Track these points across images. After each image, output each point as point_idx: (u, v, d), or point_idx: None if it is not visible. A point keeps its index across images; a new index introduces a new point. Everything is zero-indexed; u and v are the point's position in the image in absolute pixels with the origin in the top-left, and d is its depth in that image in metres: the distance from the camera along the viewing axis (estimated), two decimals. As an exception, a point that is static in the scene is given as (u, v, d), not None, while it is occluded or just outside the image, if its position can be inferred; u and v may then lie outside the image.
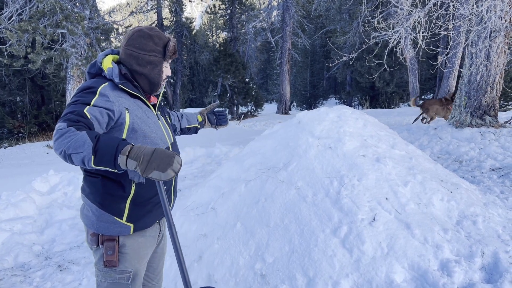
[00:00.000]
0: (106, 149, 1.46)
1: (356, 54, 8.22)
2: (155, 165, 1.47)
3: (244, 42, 30.97)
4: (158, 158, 1.48)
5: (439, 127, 8.55)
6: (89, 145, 1.45)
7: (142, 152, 1.48)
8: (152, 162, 1.47)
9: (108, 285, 1.87)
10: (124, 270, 1.86)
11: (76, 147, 1.45)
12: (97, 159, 1.47)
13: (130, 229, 1.85)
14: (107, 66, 1.82)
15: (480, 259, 2.76)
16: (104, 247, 1.82)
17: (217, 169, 4.67)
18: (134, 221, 1.85)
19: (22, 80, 16.78)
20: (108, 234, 1.82)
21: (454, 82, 15.36)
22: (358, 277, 2.69)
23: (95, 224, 1.83)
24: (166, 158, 1.49)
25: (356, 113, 4.45)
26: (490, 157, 6.34)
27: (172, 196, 2.03)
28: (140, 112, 1.84)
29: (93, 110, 1.64)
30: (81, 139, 1.46)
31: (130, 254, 1.87)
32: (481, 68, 7.59)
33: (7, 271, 3.83)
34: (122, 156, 1.47)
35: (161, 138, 1.91)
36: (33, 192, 5.70)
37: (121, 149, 1.47)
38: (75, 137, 1.46)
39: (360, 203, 3.15)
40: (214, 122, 2.60)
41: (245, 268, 2.97)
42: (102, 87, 1.72)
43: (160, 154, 1.49)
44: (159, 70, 1.89)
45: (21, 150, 13.54)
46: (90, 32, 12.17)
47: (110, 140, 1.50)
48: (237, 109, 21.35)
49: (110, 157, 1.46)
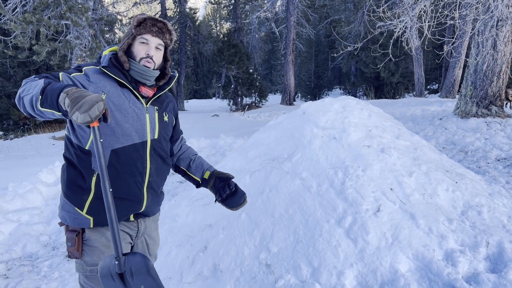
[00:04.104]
0: (52, 89, 1.49)
1: (361, 44, 8.16)
2: (79, 106, 1.38)
3: (248, 32, 30.84)
4: (85, 101, 1.39)
5: (444, 118, 8.50)
6: (40, 87, 1.51)
7: (79, 93, 1.42)
8: (79, 104, 1.38)
9: (83, 278, 1.85)
10: (93, 263, 1.80)
11: (29, 89, 1.55)
12: (43, 98, 1.49)
13: (90, 222, 1.79)
14: (104, 54, 1.88)
15: (485, 249, 2.76)
16: (66, 238, 1.81)
17: (221, 160, 4.68)
18: (94, 214, 1.78)
19: (27, 72, 16.82)
20: (69, 225, 1.81)
21: (460, 72, 15.23)
22: (362, 267, 2.70)
23: (60, 212, 1.85)
24: (90, 102, 1.39)
25: (361, 104, 4.43)
26: (496, 147, 6.31)
27: (144, 193, 1.89)
28: (121, 100, 1.79)
29: (68, 77, 1.71)
30: (36, 83, 1.55)
31: (98, 248, 1.81)
32: (487, 57, 7.51)
33: (15, 261, 3.88)
34: (63, 94, 1.44)
35: (137, 131, 1.81)
36: (39, 183, 5.75)
37: (66, 89, 1.46)
38: (33, 82, 1.58)
39: (364, 194, 3.15)
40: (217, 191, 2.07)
41: (250, 258, 2.99)
42: (87, 67, 1.79)
43: (89, 98, 1.40)
44: (126, 42, 1.86)
45: (26, 141, 13.63)
46: (94, 23, 12.15)
47: (61, 83, 1.55)
48: (241, 100, 21.29)
49: (54, 95, 1.47)
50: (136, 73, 1.84)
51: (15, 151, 11.80)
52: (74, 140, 1.77)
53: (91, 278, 1.82)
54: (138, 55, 1.83)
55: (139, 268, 1.49)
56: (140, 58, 1.83)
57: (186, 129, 12.79)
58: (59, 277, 3.53)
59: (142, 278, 1.49)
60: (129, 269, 1.49)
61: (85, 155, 1.75)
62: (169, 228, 3.68)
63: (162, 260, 3.25)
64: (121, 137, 1.77)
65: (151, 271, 1.51)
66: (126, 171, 1.79)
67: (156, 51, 1.86)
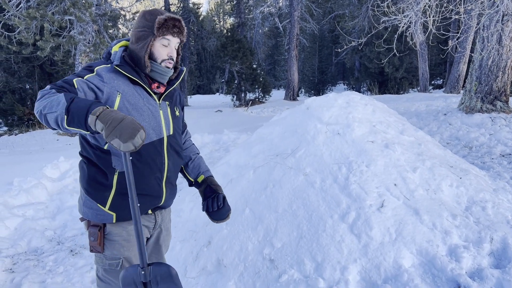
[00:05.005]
0: (78, 109, 1.46)
1: (365, 39, 8.12)
2: (118, 133, 1.41)
3: (251, 27, 30.72)
4: (124, 127, 1.41)
5: (448, 113, 8.46)
6: (63, 105, 1.47)
7: (111, 117, 1.43)
8: (117, 129, 1.41)
9: (102, 271, 1.89)
10: (113, 257, 1.85)
11: (51, 107, 1.49)
12: (69, 118, 1.47)
13: (113, 218, 1.83)
14: (114, 50, 1.85)
15: (488, 244, 2.76)
16: (88, 233, 1.84)
17: (225, 156, 4.69)
18: (117, 210, 1.82)
19: (31, 68, 16.87)
20: (92, 220, 1.84)
21: (465, 67, 15.14)
22: (366, 262, 2.70)
23: (82, 209, 1.87)
24: (131, 129, 1.41)
25: (365, 99, 4.42)
26: (501, 143, 6.28)
27: (163, 188, 1.94)
28: (136, 99, 1.80)
29: (82, 82, 1.67)
30: (57, 99, 1.50)
31: (118, 242, 1.85)
32: (492, 52, 7.46)
33: (21, 255, 3.91)
34: (92, 116, 1.44)
35: (154, 128, 1.84)
36: (44, 179, 5.78)
37: (93, 109, 1.46)
38: (53, 97, 1.52)
39: (368, 189, 3.15)
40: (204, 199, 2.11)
41: (254, 253, 3.00)
42: (100, 67, 1.77)
43: (127, 124, 1.42)
44: (144, 44, 1.81)
45: (31, 137, 13.69)
46: (97, 18, 12.15)
47: (84, 101, 1.51)
48: (244, 95, 21.25)
49: (81, 116, 1.46)
50: (157, 74, 1.85)
51: (19, 146, 11.86)
52: (91, 140, 1.78)
53: (110, 271, 1.87)
54: (160, 56, 1.83)
55: (165, 277, 1.59)
56: (162, 60, 1.83)
57: (190, 124, 12.76)
58: (64, 272, 3.55)
59: (166, 286, 1.59)
60: (155, 278, 1.58)
61: (105, 154, 1.78)
62: (173, 223, 3.69)
63: (166, 255, 3.26)
64: None
65: (175, 279, 1.61)
66: (146, 168, 1.83)
67: (174, 50, 1.90)
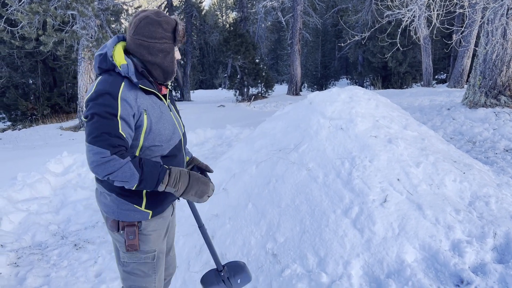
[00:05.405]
0: (149, 180, 1.70)
1: (368, 34, 8.06)
2: (193, 192, 1.81)
3: (254, 22, 30.58)
4: (196, 186, 1.81)
5: (452, 108, 8.43)
6: (136, 177, 1.66)
7: (180, 181, 1.76)
8: (190, 189, 1.80)
9: (135, 265, 1.95)
10: (148, 250, 1.94)
11: (123, 178, 1.65)
12: (140, 187, 1.71)
13: (149, 215, 1.91)
14: (120, 62, 1.74)
15: (492, 239, 2.75)
16: (125, 233, 1.87)
17: (228, 151, 4.69)
18: (152, 207, 1.91)
19: (34, 63, 16.87)
20: (130, 221, 1.88)
21: (469, 61, 15.04)
22: (369, 257, 2.71)
23: (115, 212, 1.87)
24: (203, 186, 1.83)
25: (368, 94, 4.40)
26: (505, 137, 6.24)
27: None
28: (156, 110, 1.83)
29: (125, 127, 1.69)
30: (129, 171, 1.65)
31: (152, 236, 1.95)
32: (497, 46, 7.41)
33: (25, 249, 3.93)
34: (162, 185, 1.74)
35: (174, 133, 1.92)
36: (48, 173, 5.80)
37: (162, 178, 1.73)
38: (120, 167, 1.63)
39: (371, 184, 3.15)
40: None
41: (257, 248, 3.01)
42: (121, 92, 1.69)
43: (197, 182, 1.81)
44: (171, 57, 1.83)
45: (34, 132, 13.73)
46: (100, 13, 12.12)
47: (153, 168, 1.71)
48: (247, 90, 21.17)
49: (152, 186, 1.72)
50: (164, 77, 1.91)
51: (23, 141, 11.90)
52: None
53: (144, 264, 1.96)
54: None
55: (238, 270, 2.15)
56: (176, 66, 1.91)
57: (192, 119, 12.80)
58: (68, 266, 3.58)
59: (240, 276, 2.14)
60: (231, 273, 2.13)
61: None
62: (177, 218, 3.70)
63: (169, 249, 3.28)
64: (165, 144, 1.88)
65: (245, 268, 2.17)
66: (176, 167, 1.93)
67: None
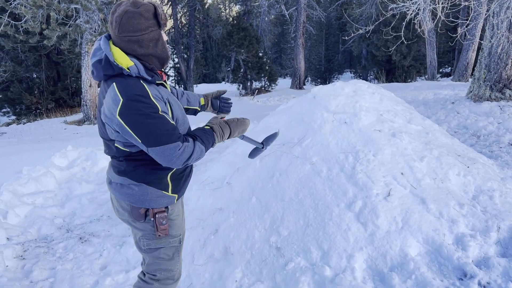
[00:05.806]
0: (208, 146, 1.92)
1: (372, 27, 8.02)
2: (236, 134, 2.11)
3: (257, 15, 30.48)
4: (237, 130, 2.09)
5: (456, 102, 8.38)
6: (204, 151, 1.88)
7: (224, 133, 2.01)
8: (233, 133, 2.08)
9: (162, 250, 2.06)
10: (176, 234, 2.08)
11: (197, 157, 1.85)
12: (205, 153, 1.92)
13: (175, 199, 2.05)
14: (127, 64, 1.74)
15: (495, 233, 2.76)
16: (156, 219, 1.97)
17: (231, 145, 4.70)
18: (177, 191, 2.06)
19: (38, 57, 16.90)
20: (159, 207, 1.98)
21: (474, 54, 14.92)
22: (372, 251, 2.72)
23: (145, 201, 1.95)
24: (242, 126, 2.12)
25: (372, 88, 4.39)
26: (509, 131, 6.21)
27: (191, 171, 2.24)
28: (171, 99, 1.92)
29: (170, 117, 1.83)
30: (198, 149, 1.84)
31: (177, 220, 2.10)
32: (502, 39, 7.34)
33: (31, 242, 3.97)
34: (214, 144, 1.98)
35: (184, 115, 2.04)
36: (52, 167, 5.83)
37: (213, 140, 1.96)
38: (193, 150, 1.82)
39: (375, 178, 3.15)
40: (217, 108, 2.56)
41: (261, 241, 3.03)
42: (149, 92, 1.75)
43: (237, 126, 2.09)
44: (162, 42, 1.84)
45: (39, 126, 13.79)
46: (103, 7, 12.11)
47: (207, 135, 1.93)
48: (250, 84, 21.13)
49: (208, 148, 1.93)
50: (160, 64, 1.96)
51: (28, 135, 11.96)
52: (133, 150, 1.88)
53: (171, 248, 2.08)
54: None
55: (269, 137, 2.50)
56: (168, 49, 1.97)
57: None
58: (73, 259, 3.61)
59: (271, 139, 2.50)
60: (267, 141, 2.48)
61: None
62: (181, 211, 3.73)
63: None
64: (181, 127, 1.98)
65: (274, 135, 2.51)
66: None
67: None
